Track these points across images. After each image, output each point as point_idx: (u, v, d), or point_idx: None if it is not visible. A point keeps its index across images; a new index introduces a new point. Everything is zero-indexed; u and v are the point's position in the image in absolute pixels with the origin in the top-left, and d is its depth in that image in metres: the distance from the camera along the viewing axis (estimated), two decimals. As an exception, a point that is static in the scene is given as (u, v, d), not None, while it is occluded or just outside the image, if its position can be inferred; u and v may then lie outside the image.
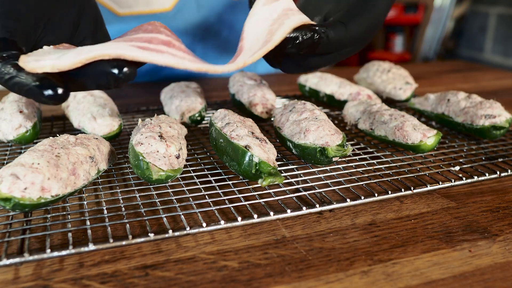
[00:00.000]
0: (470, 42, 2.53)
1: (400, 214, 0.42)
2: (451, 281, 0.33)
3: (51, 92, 0.35)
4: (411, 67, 1.09)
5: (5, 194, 0.35)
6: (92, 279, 0.33)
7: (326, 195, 0.44)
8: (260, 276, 0.33)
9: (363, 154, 0.53)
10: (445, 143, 0.57)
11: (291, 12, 0.46)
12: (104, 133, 0.53)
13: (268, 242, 0.38)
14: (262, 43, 0.43)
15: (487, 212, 0.43)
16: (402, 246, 0.37)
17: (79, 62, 0.36)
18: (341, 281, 0.33)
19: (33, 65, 0.36)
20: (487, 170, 0.49)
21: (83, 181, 0.41)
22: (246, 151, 0.43)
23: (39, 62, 0.37)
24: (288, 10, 0.46)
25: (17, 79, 0.35)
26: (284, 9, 0.46)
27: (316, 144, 0.46)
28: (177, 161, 0.43)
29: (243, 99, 0.64)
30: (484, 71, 1.07)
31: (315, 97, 0.73)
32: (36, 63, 0.37)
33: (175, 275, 0.34)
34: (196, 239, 0.38)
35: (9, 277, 0.33)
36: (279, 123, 0.53)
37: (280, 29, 0.43)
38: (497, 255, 0.36)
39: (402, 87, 0.71)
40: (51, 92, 0.35)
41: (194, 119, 0.59)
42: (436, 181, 0.46)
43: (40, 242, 0.37)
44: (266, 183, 0.40)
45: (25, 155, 0.38)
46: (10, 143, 0.54)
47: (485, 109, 0.55)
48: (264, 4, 0.47)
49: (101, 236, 0.38)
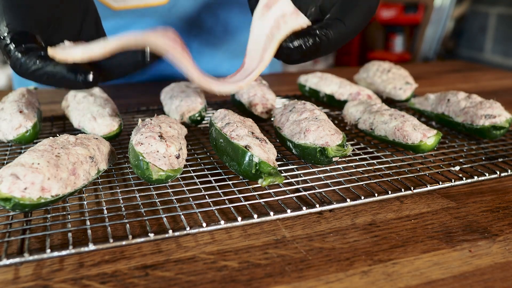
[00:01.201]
0: (470, 42, 2.53)
1: (400, 214, 0.42)
2: (451, 281, 0.33)
3: (83, 78, 0.37)
4: (411, 67, 1.09)
5: (5, 194, 0.35)
6: (92, 279, 0.33)
7: (326, 195, 0.44)
8: (260, 276, 0.33)
9: (363, 154, 0.53)
10: (445, 143, 0.57)
11: (282, 21, 0.47)
12: (104, 133, 0.53)
13: (268, 242, 0.38)
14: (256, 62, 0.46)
15: (487, 212, 0.43)
16: (402, 246, 0.37)
17: (109, 50, 0.38)
18: (341, 281, 0.33)
19: (64, 54, 0.39)
20: (487, 170, 0.49)
21: (83, 181, 0.41)
22: (246, 151, 0.43)
23: (69, 52, 0.39)
24: (280, 18, 0.47)
25: (46, 69, 0.38)
26: (276, 18, 0.47)
27: (316, 144, 0.46)
28: (177, 161, 0.43)
29: (243, 99, 0.64)
30: (484, 71, 1.07)
31: (315, 97, 0.73)
32: (66, 53, 0.39)
33: (175, 275, 0.34)
34: (196, 239, 0.38)
35: (9, 277, 0.33)
36: (279, 123, 0.53)
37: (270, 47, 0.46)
38: (497, 255, 0.36)
39: (402, 87, 0.71)
40: (83, 77, 0.37)
41: (194, 119, 0.59)
42: (436, 181, 0.46)
43: (40, 242, 0.37)
44: (266, 183, 0.40)
45: (25, 155, 0.38)
46: (10, 143, 0.54)
47: (485, 109, 0.55)
48: (259, 18, 0.48)
49: (101, 236, 0.38)
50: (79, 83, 0.38)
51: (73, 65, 0.38)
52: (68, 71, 0.38)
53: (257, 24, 0.48)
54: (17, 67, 0.39)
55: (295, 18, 0.47)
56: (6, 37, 0.40)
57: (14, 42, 0.40)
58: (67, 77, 0.38)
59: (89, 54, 0.39)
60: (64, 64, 0.38)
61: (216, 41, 0.90)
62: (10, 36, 0.40)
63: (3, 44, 0.40)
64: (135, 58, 0.39)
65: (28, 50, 0.39)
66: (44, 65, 0.38)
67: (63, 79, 0.38)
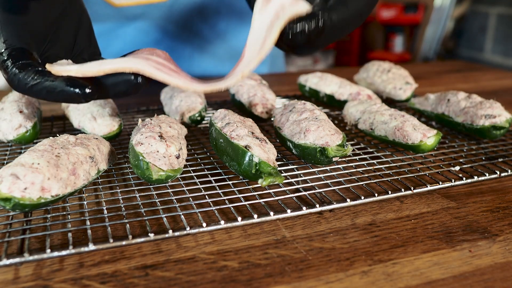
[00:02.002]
0: (470, 42, 2.53)
1: (400, 214, 0.42)
2: (451, 281, 0.33)
3: (82, 91, 0.38)
4: (411, 67, 1.09)
5: (5, 194, 0.35)
6: (92, 279, 0.33)
7: (326, 195, 0.44)
8: (260, 276, 0.34)
9: (363, 154, 0.53)
10: (445, 143, 0.57)
11: (281, 11, 0.47)
12: (104, 133, 0.53)
13: (268, 242, 0.38)
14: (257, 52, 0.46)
15: (487, 212, 0.43)
16: (402, 246, 0.37)
17: (103, 71, 0.40)
18: (341, 281, 0.33)
19: (59, 69, 0.40)
20: (487, 170, 0.49)
21: (83, 181, 0.41)
22: (246, 151, 0.43)
23: (65, 68, 0.40)
24: (280, 9, 0.48)
25: (46, 83, 0.39)
26: (276, 10, 0.48)
27: (316, 144, 0.46)
28: (177, 161, 0.43)
29: (243, 99, 0.64)
30: (484, 71, 1.07)
31: (315, 97, 0.73)
32: (62, 68, 0.40)
33: (175, 275, 0.34)
34: (196, 239, 0.38)
35: (9, 277, 0.33)
36: (279, 123, 0.53)
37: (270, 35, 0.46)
38: (497, 255, 0.36)
39: (402, 87, 0.71)
40: (82, 90, 0.38)
41: (194, 119, 0.59)
42: (436, 181, 0.46)
43: (40, 242, 0.37)
44: (266, 183, 0.40)
45: (25, 155, 0.38)
46: (10, 143, 0.54)
47: (485, 109, 0.55)
48: (259, 11, 0.49)
49: (101, 236, 0.38)
50: (78, 96, 0.38)
51: (71, 79, 0.39)
52: (66, 84, 0.38)
53: (257, 18, 0.48)
54: (15, 82, 0.40)
55: (294, 6, 0.48)
56: (4, 53, 0.40)
57: (12, 58, 0.40)
58: (65, 90, 0.38)
59: (83, 72, 0.40)
60: (62, 79, 0.39)
61: (219, 39, 0.90)
62: (8, 52, 0.40)
63: (0, 60, 0.40)
64: (127, 77, 0.40)
65: (26, 66, 0.40)
66: (42, 80, 0.39)
67: (61, 93, 0.39)
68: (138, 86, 0.41)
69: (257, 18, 0.48)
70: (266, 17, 0.48)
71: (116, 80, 0.40)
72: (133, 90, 0.41)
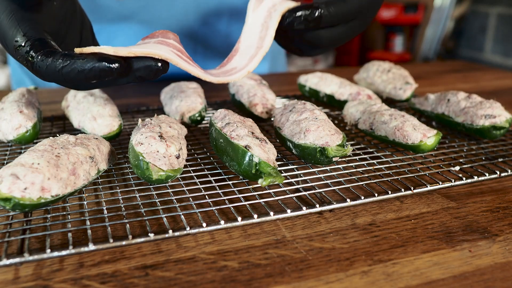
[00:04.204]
0: (470, 42, 2.53)
1: (400, 214, 0.42)
2: (451, 281, 0.33)
3: (114, 64, 0.39)
4: (411, 67, 1.09)
5: (5, 194, 0.35)
6: (92, 279, 0.33)
7: (326, 195, 0.44)
8: (260, 276, 0.33)
9: (363, 154, 0.53)
10: (445, 143, 0.57)
11: (273, 10, 0.52)
12: (104, 133, 0.53)
13: (268, 242, 0.38)
14: (255, 48, 0.50)
15: (487, 212, 0.43)
16: (402, 246, 0.37)
17: (133, 53, 0.41)
18: (341, 281, 0.33)
19: (92, 48, 0.40)
20: (487, 170, 0.49)
21: (83, 181, 0.41)
22: (246, 151, 0.43)
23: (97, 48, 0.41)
24: (271, 8, 0.52)
25: (77, 63, 0.39)
26: (268, 9, 0.53)
27: (316, 144, 0.46)
28: (177, 161, 0.43)
29: (243, 99, 0.64)
30: (484, 71, 1.07)
31: (315, 97, 0.73)
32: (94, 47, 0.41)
33: (175, 275, 0.34)
34: (196, 239, 0.38)
35: (9, 277, 0.33)
36: (279, 123, 0.53)
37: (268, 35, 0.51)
38: (497, 255, 0.36)
39: (402, 87, 0.71)
40: (114, 64, 0.39)
41: (194, 119, 0.59)
42: (436, 181, 0.46)
43: (40, 242, 0.37)
44: (266, 183, 0.40)
45: (25, 155, 0.38)
46: (10, 143, 0.54)
47: (485, 109, 0.55)
48: (253, 10, 0.54)
49: (101, 236, 0.38)
50: (111, 70, 0.39)
51: (102, 55, 0.39)
52: (98, 60, 0.39)
53: (251, 15, 0.53)
54: (43, 69, 0.40)
55: (284, 3, 0.52)
56: (26, 44, 0.41)
57: (35, 47, 0.40)
58: (97, 65, 0.39)
59: (116, 50, 0.40)
60: (93, 56, 0.39)
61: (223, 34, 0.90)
62: (30, 43, 0.41)
63: (23, 52, 0.41)
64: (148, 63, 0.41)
65: (52, 52, 0.40)
66: (73, 61, 0.39)
67: (94, 69, 0.39)
68: (158, 71, 0.41)
69: (251, 16, 0.53)
70: (260, 16, 0.52)
71: (138, 65, 0.41)
72: (153, 75, 0.42)
